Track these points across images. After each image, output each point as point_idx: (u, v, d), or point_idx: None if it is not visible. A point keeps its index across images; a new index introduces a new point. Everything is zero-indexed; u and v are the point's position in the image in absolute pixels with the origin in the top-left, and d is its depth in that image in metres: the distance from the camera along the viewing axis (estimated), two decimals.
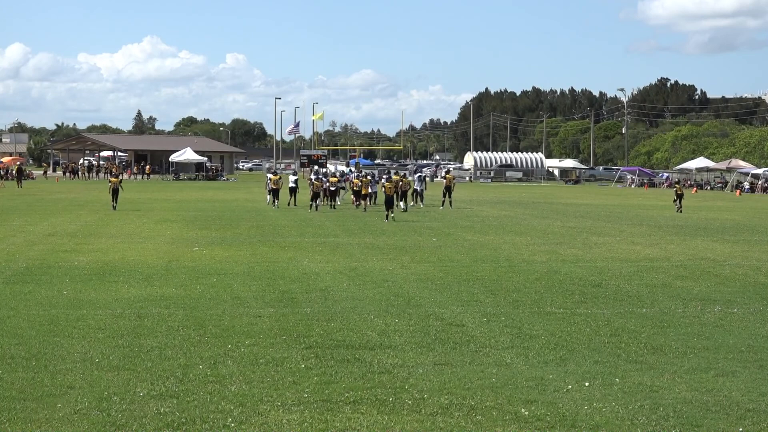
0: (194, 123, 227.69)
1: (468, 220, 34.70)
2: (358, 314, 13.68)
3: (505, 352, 11.27)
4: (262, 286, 16.52)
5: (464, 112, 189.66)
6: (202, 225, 30.38)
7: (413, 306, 14.57)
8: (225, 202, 45.83)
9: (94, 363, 10.41)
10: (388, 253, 22.45)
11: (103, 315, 13.36)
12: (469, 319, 13.47)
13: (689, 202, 54.81)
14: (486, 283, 17.34)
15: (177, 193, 56.75)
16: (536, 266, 20.13)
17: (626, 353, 11.35)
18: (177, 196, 53.50)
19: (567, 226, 32.76)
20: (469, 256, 22.08)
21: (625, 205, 49.99)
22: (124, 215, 34.68)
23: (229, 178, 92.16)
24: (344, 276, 18.01)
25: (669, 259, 22.26)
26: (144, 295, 15.33)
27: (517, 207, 45.77)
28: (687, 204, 51.80)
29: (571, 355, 11.18)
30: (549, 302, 15.18)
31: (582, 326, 13.06)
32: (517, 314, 13.92)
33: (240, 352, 11.07)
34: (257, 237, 26.29)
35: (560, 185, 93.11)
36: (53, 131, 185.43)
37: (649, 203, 46.95)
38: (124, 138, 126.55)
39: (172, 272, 18.27)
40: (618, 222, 35.37)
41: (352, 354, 11.03)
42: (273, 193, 42.96)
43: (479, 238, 27.03)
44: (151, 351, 11.04)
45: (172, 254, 21.50)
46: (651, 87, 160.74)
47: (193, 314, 13.51)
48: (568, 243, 25.87)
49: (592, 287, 17.03)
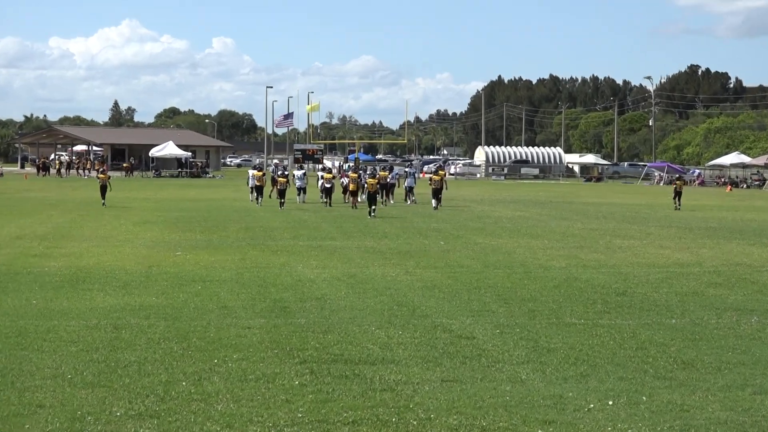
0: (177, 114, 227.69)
1: (479, 222, 34.69)
2: (357, 325, 13.67)
3: (519, 368, 11.25)
4: (251, 294, 16.51)
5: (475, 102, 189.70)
6: (185, 227, 30.38)
7: (418, 316, 14.56)
8: (211, 202, 45.87)
9: (66, 379, 10.40)
10: (391, 257, 22.44)
11: (76, 326, 13.36)
12: (480, 330, 13.45)
13: (724, 202, 54.80)
14: (499, 291, 17.32)
15: (158, 192, 56.78)
16: (554, 272, 20.11)
17: (654, 369, 11.34)
18: (158, 194, 53.53)
19: (588, 228, 32.75)
20: (480, 261, 22.07)
21: (652, 204, 49.97)
22: (100, 216, 34.70)
23: (215, 175, 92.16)
24: (342, 283, 18.00)
25: (701, 264, 22.24)
26: (121, 304, 15.33)
27: (533, 207, 45.76)
28: (722, 204, 51.80)
29: (593, 371, 11.16)
30: (568, 312, 15.16)
31: (605, 339, 13.04)
32: (534, 325, 13.91)
33: (227, 367, 11.05)
34: (246, 240, 26.30)
35: (581, 183, 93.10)
36: (21, 123, 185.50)
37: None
38: (100, 131, 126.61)
39: (152, 279, 18.26)
40: (645, 224, 35.36)
41: (351, 369, 11.01)
42: (257, 190, 43.40)
43: (491, 241, 27.02)
44: (129, 366, 11.03)
45: (153, 259, 21.50)
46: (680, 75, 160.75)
47: (175, 325, 13.50)
48: (590, 247, 25.85)
49: (616, 296, 17.02)
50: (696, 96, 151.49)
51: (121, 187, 60.23)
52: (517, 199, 54.80)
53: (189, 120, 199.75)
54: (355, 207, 41.00)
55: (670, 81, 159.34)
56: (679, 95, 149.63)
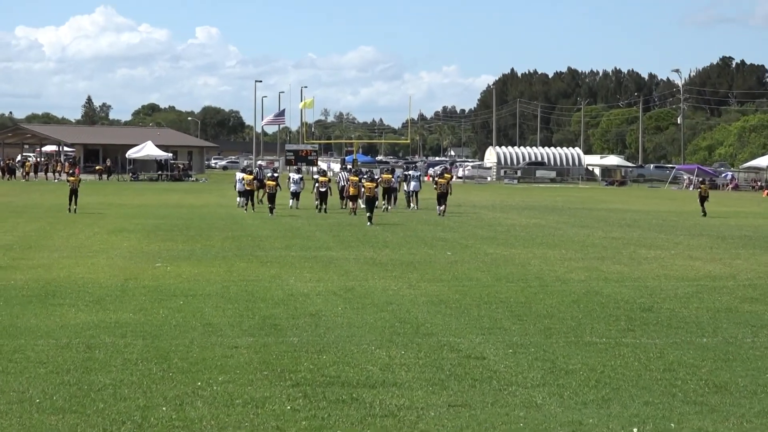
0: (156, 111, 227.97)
1: (490, 230, 34.70)
2: (355, 345, 13.68)
3: (535, 391, 11.26)
4: (239, 310, 16.52)
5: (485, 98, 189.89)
6: (165, 236, 30.40)
7: (423, 335, 14.56)
8: (194, 208, 45.88)
9: (34, 404, 10.40)
10: (393, 269, 22.45)
11: (45, 345, 13.36)
12: (492, 350, 13.46)
13: (760, 208, 54.80)
14: (512, 306, 17.33)
15: (135, 197, 56.81)
16: (573, 286, 20.12)
17: (683, 392, 11.34)
18: (135, 200, 53.56)
19: (610, 236, 32.75)
20: (491, 273, 22.08)
21: (681, 211, 49.98)
22: (71, 224, 34.72)
23: (198, 179, 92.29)
24: (339, 298, 18.01)
25: (735, 277, 22.24)
26: (95, 321, 15.33)
27: (550, 214, 45.77)
28: (758, 210, 51.80)
29: (616, 395, 11.16)
30: (588, 330, 15.17)
31: (629, 359, 13.04)
32: (550, 344, 13.91)
33: (212, 390, 11.06)
34: (233, 250, 26.31)
35: (602, 187, 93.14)
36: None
37: (710, 209, 46.97)
38: (72, 130, 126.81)
39: (129, 293, 18.27)
40: (673, 232, 35.37)
41: (348, 393, 11.02)
42: (246, 195, 43.40)
43: (503, 251, 27.03)
44: (104, 389, 11.03)
45: (130, 271, 21.51)
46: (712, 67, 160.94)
47: (154, 344, 13.50)
48: (612, 258, 25.86)
49: (641, 312, 17.02)
50: (729, 91, 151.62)
51: (94, 192, 60.27)
52: (531, 204, 54.81)
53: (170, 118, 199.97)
54: (354, 213, 41.04)
55: (700, 74, 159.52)
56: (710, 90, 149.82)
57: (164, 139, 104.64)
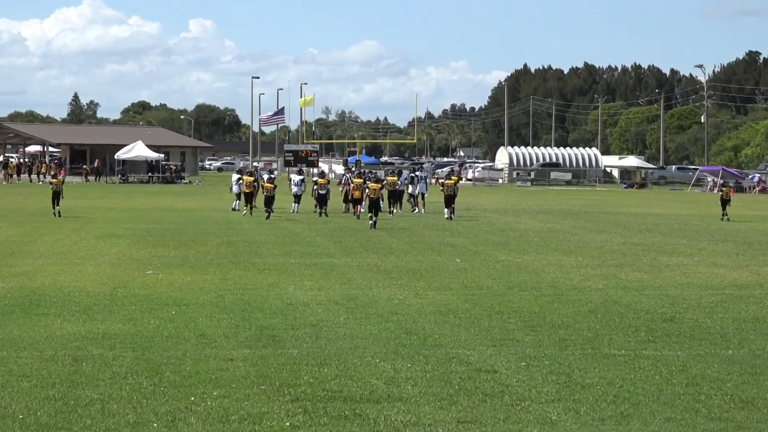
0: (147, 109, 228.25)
1: (501, 235, 34.70)
2: (358, 357, 13.68)
3: (549, 407, 11.25)
4: (234, 320, 16.53)
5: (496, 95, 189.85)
6: (157, 241, 30.42)
7: (430, 346, 14.56)
8: (187, 212, 45.92)
9: (17, 420, 10.41)
10: (398, 277, 22.46)
11: (28, 358, 13.37)
12: (503, 363, 13.46)
13: None
14: (525, 316, 17.33)
15: (125, 200, 56.86)
16: (590, 295, 20.12)
17: (707, 408, 11.33)
18: (125, 203, 53.60)
19: (630, 242, 32.75)
20: (503, 281, 22.08)
21: (705, 215, 49.95)
22: (57, 229, 34.76)
23: (192, 181, 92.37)
24: (341, 307, 18.02)
25: (763, 285, 22.23)
26: (82, 332, 15.34)
27: (565, 218, 45.77)
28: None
29: (636, 411, 11.16)
30: (606, 341, 15.16)
31: (650, 373, 13.03)
32: (566, 357, 13.91)
33: (206, 406, 11.06)
34: (229, 257, 26.32)
35: (620, 190, 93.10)
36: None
37: (736, 212, 46.96)
38: (57, 129, 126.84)
39: (118, 303, 18.28)
40: (696, 238, 35.36)
41: (351, 409, 11.02)
42: (246, 197, 43.38)
43: (516, 258, 27.03)
44: (91, 404, 11.04)
45: (119, 279, 21.53)
46: (737, 63, 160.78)
47: (145, 357, 13.51)
48: (632, 265, 25.85)
49: (662, 322, 17.02)
50: (756, 88, 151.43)
51: (81, 195, 60.33)
52: (545, 208, 54.81)
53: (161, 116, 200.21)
54: (358, 217, 41.04)
55: (725, 70, 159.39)
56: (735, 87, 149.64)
57: (155, 139, 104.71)
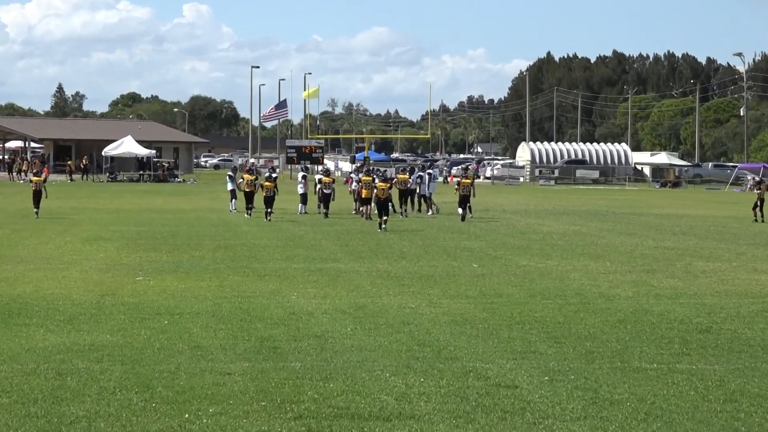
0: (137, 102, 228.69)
1: (523, 238, 34.66)
2: (367, 371, 13.67)
3: (575, 425, 11.24)
4: (232, 331, 16.53)
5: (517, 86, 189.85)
6: (148, 245, 30.45)
7: (445, 359, 14.55)
8: (181, 213, 45.96)
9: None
10: (410, 284, 22.44)
11: (9, 372, 13.38)
12: (525, 377, 13.44)
13: None
14: (548, 326, 17.30)
15: (113, 200, 56.95)
16: (619, 303, 20.08)
17: (746, 426, 11.30)
18: (113, 204, 53.68)
19: (662, 246, 32.69)
20: (525, 288, 22.05)
21: (744, 217, 49.81)
22: (40, 232, 34.81)
23: (186, 179, 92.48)
24: (348, 317, 18.01)
25: None
26: (66, 343, 15.35)
27: (592, 220, 45.71)
28: None
29: (669, 429, 11.14)
30: (637, 354, 15.13)
31: (684, 388, 13.00)
32: (592, 371, 13.88)
33: (201, 424, 11.06)
34: (226, 262, 26.33)
35: (652, 189, 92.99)
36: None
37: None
38: (40, 123, 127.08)
39: (105, 311, 18.29)
40: (734, 241, 35.28)
41: (359, 427, 11.01)
42: (246, 197, 43.44)
43: (538, 263, 27.00)
44: (77, 422, 11.04)
45: (107, 286, 21.55)
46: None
47: (135, 370, 13.51)
48: (664, 270, 25.81)
49: (697, 333, 16.97)
50: None
51: (66, 195, 60.44)
52: (570, 209, 54.75)
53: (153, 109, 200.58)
54: (369, 218, 40.98)
55: (766, 59, 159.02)
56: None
57: (146, 134, 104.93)
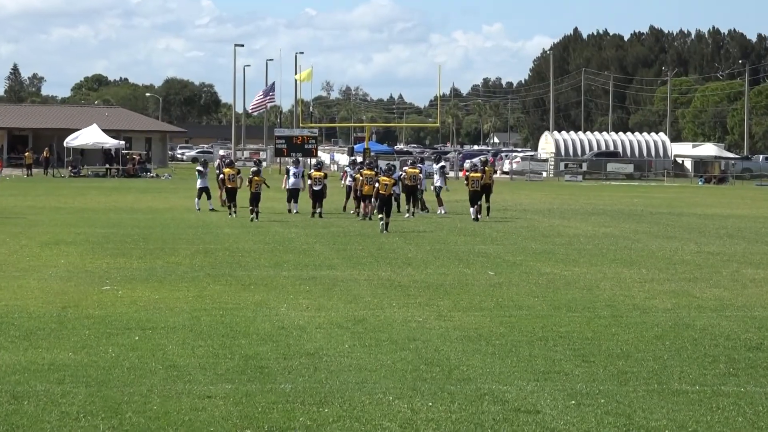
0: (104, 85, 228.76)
1: (546, 242, 34.66)
2: (367, 394, 13.69)
3: None
4: (213, 348, 16.55)
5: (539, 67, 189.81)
6: (116, 249, 30.47)
7: (457, 380, 14.57)
8: (154, 213, 45.98)
9: None
10: (417, 294, 22.46)
11: None
12: (548, 401, 13.46)
13: None
14: (575, 343, 17.32)
15: (76, 198, 56.94)
16: (656, 316, 20.09)
17: None
18: (76, 202, 53.68)
19: (705, 251, 32.69)
20: (548, 300, 22.06)
21: None
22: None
23: (160, 174, 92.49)
24: (346, 332, 18.03)
25: None
26: (23, 362, 15.38)
27: (625, 221, 45.70)
28: None
29: None
30: (677, 375, 15.15)
31: (730, 413, 13.02)
32: (626, 394, 13.90)
33: None
34: (205, 269, 26.35)
35: (695, 185, 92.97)
36: None
37: None
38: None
39: (68, 326, 18.31)
40: None
41: None
42: (228, 194, 43.51)
43: (563, 270, 27.01)
44: None
45: (69, 297, 21.56)
46: None
47: (101, 393, 13.53)
48: (708, 279, 25.81)
49: (746, 351, 16.98)
50: None
51: (22, 191, 60.46)
52: (600, 208, 54.73)
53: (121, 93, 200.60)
54: (370, 218, 40.84)
55: None
56: None
57: (114, 122, 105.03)
